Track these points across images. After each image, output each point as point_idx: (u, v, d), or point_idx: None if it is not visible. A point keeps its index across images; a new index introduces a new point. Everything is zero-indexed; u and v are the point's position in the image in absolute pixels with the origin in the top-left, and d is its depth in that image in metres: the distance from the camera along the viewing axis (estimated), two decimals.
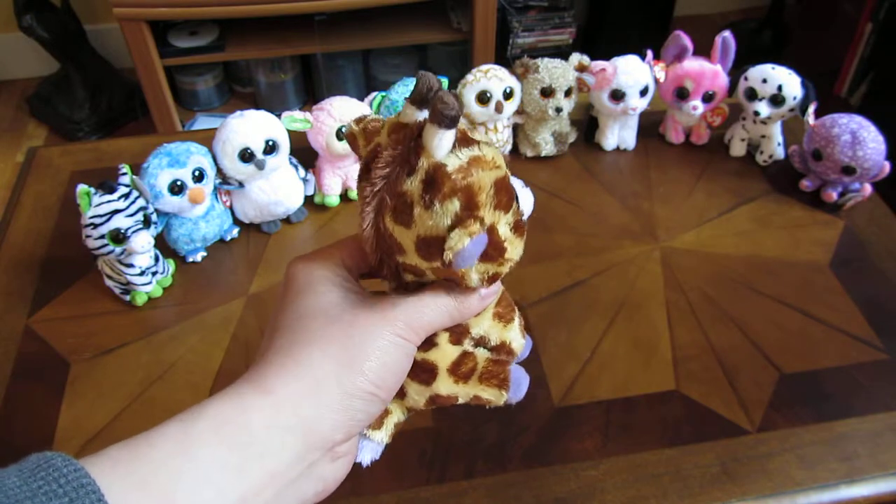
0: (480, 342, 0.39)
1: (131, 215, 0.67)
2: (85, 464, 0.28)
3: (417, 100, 0.32)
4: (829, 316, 0.72)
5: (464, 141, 0.32)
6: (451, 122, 0.30)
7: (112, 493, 0.28)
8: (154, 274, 0.73)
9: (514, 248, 0.34)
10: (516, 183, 0.38)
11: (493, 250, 0.33)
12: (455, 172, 0.31)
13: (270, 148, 0.75)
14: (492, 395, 0.38)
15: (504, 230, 0.33)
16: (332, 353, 0.33)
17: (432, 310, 0.35)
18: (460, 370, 0.37)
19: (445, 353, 0.37)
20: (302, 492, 0.33)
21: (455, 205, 0.31)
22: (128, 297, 0.73)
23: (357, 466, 0.37)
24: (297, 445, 0.32)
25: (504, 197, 0.32)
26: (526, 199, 0.40)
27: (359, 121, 0.37)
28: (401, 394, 0.38)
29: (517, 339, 0.39)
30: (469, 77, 0.83)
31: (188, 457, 0.29)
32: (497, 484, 0.58)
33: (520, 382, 0.38)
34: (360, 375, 0.33)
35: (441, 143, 0.31)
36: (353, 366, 0.33)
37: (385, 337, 0.34)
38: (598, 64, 0.85)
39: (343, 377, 0.32)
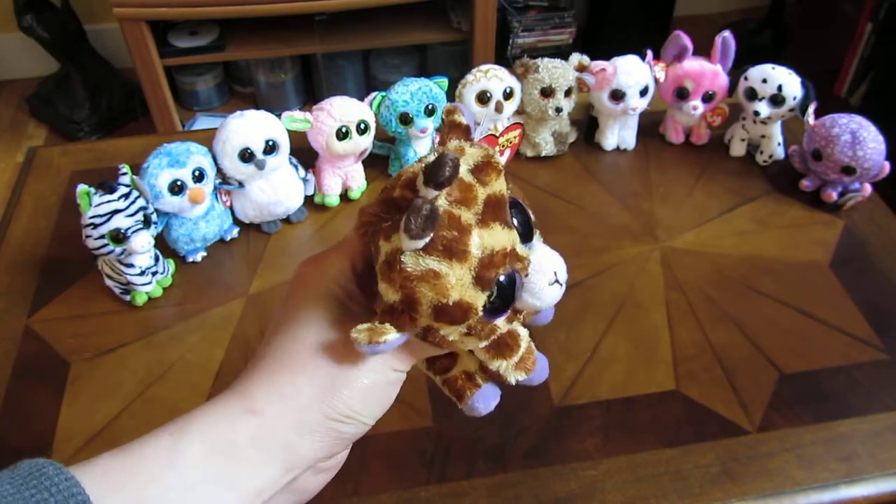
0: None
1: (131, 215, 0.67)
2: (76, 472, 0.29)
3: (427, 178, 0.30)
4: (829, 316, 0.72)
5: (443, 249, 0.30)
6: (414, 238, 0.30)
7: (102, 503, 0.28)
8: (154, 274, 0.73)
9: (466, 344, 0.34)
10: (544, 275, 0.37)
11: (434, 344, 0.34)
12: (406, 274, 0.31)
13: (270, 148, 0.75)
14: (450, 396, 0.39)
15: (449, 334, 0.33)
16: (318, 380, 0.33)
17: (422, 346, 0.35)
18: (434, 365, 0.39)
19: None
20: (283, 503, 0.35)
21: (396, 297, 0.32)
22: (128, 297, 0.73)
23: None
24: (280, 465, 0.33)
25: (445, 319, 0.32)
26: (552, 295, 0.39)
27: (449, 112, 0.36)
28: None
29: (509, 375, 0.37)
30: (469, 77, 0.83)
31: (177, 470, 0.30)
32: (497, 484, 0.58)
33: (474, 408, 0.38)
34: (339, 401, 0.33)
35: (407, 245, 0.30)
36: (335, 392, 0.33)
37: (374, 368, 0.34)
38: (598, 64, 0.85)
39: (323, 403, 0.33)
